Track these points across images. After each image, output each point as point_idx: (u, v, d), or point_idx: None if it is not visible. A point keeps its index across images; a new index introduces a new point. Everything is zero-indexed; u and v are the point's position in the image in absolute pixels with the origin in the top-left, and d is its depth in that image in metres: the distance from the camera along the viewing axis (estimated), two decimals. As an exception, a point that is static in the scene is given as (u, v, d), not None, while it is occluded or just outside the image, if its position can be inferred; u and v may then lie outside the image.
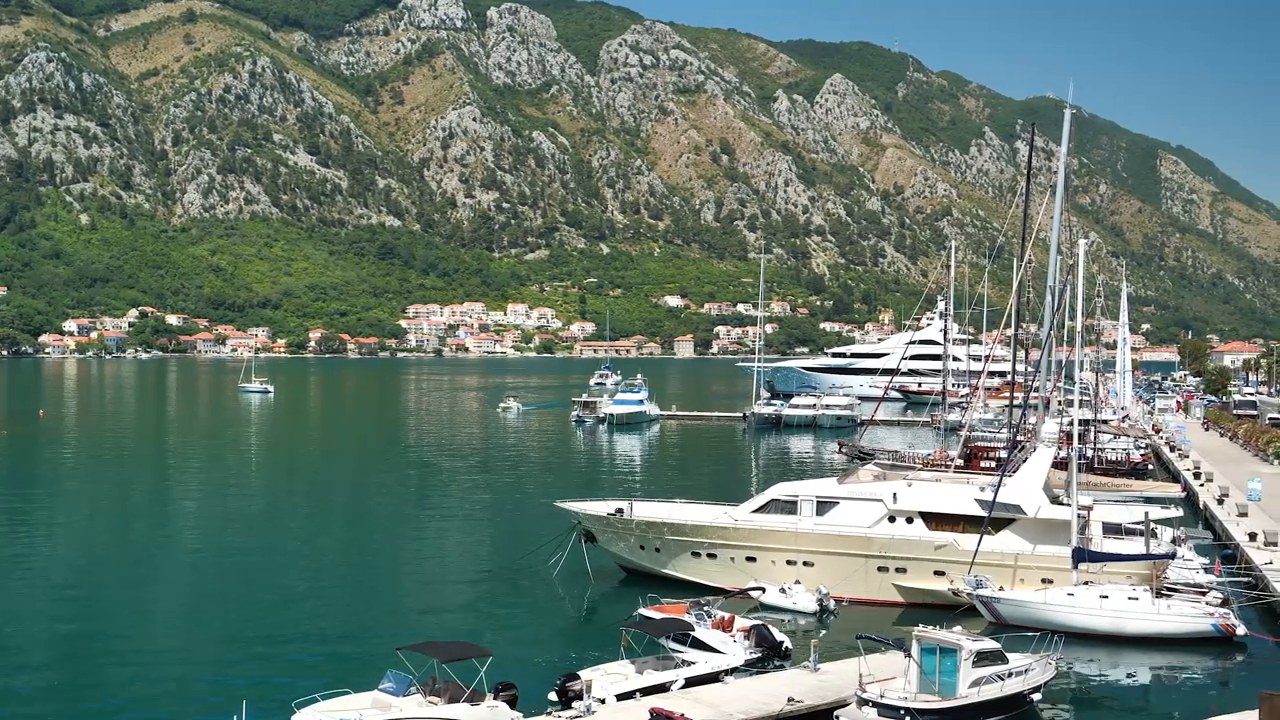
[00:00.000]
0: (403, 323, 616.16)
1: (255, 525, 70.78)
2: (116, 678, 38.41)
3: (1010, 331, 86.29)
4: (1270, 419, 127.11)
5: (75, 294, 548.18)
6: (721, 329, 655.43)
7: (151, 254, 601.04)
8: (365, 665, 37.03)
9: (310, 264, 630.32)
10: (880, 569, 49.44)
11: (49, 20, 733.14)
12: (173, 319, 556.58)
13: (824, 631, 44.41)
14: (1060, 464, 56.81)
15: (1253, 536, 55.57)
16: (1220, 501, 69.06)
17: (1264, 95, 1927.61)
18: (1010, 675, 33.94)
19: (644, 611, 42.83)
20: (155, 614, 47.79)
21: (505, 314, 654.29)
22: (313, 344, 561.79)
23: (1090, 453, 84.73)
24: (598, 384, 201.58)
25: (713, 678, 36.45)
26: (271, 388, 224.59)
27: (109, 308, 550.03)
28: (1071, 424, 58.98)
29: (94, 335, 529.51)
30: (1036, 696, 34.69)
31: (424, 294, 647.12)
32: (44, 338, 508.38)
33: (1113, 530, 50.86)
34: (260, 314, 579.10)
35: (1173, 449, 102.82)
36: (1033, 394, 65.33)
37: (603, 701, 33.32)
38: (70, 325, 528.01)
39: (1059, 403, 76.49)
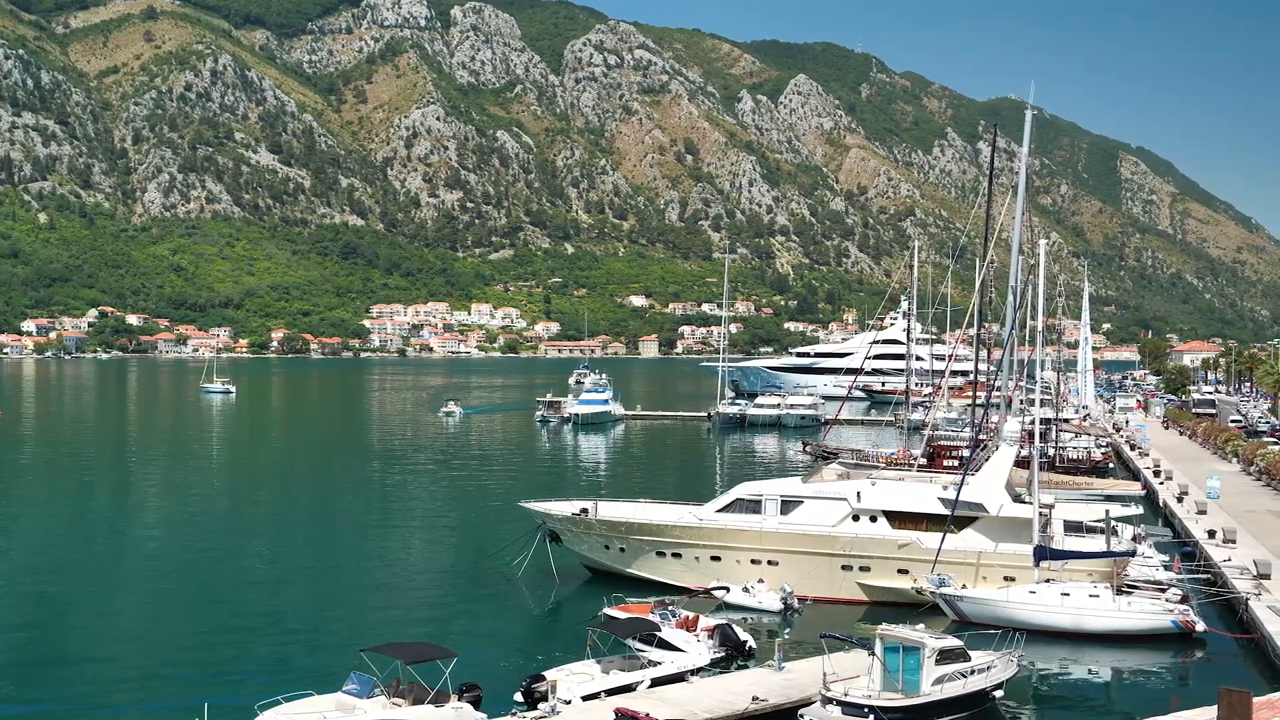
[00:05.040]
0: (366, 323, 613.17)
1: (217, 526, 70.23)
2: (77, 680, 38.01)
3: (973, 331, 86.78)
4: (1232, 420, 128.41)
5: (34, 294, 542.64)
6: (686, 329, 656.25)
7: (111, 253, 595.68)
8: (329, 667, 36.81)
9: (273, 263, 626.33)
10: (844, 568, 49.59)
11: (6, 17, 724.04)
12: (133, 319, 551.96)
13: (788, 630, 44.49)
14: (1022, 463, 57.15)
15: (1211, 534, 56.12)
16: (1180, 499, 69.71)
17: (1223, 97, 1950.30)
18: (973, 672, 34.12)
19: (609, 611, 42.84)
20: (116, 616, 47.33)
21: (469, 314, 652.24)
22: (275, 344, 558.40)
23: (1052, 451, 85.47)
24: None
25: (678, 677, 36.41)
26: (233, 388, 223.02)
27: (68, 308, 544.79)
28: (1033, 423, 59.37)
29: (53, 335, 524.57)
30: (999, 693, 34.88)
31: (387, 294, 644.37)
32: (2, 338, 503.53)
33: (1074, 528, 51.26)
34: (222, 314, 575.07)
35: (1133, 447, 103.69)
36: (995, 393, 65.75)
37: (568, 702, 33.25)
38: (29, 325, 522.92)
39: (1021, 402, 76.99)
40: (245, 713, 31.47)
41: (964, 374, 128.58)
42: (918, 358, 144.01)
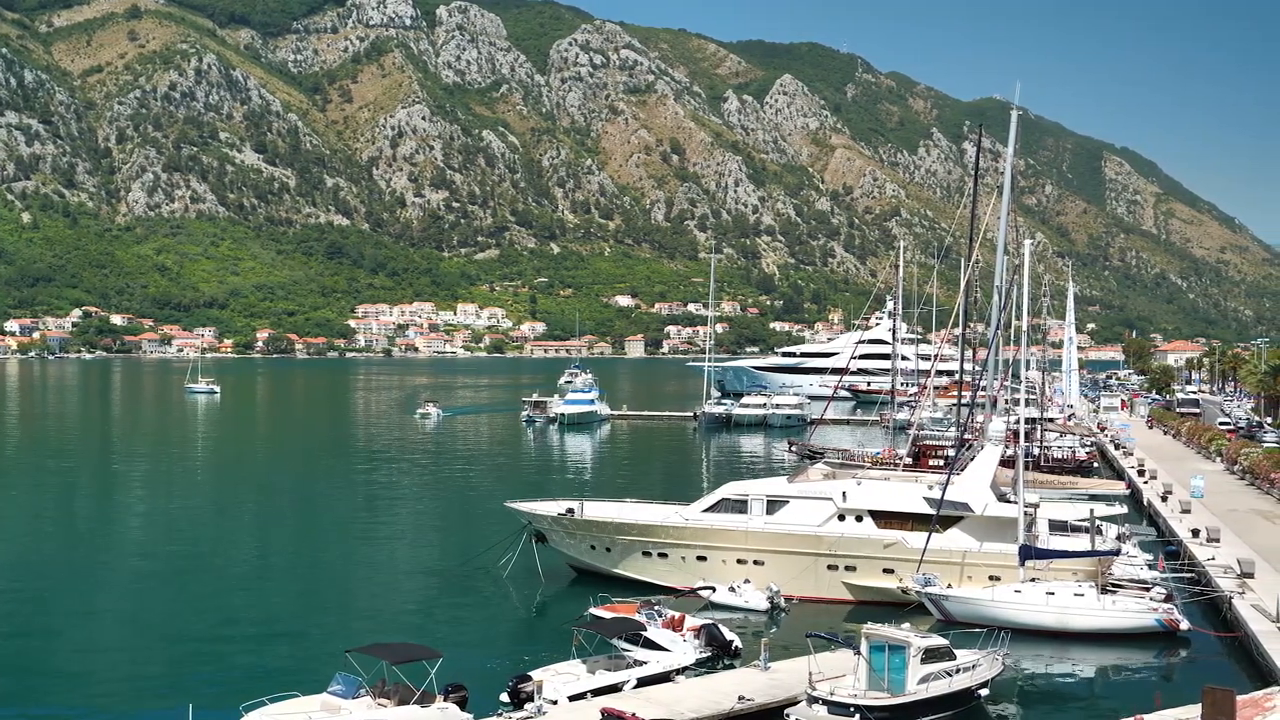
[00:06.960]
0: (351, 323, 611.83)
1: (201, 526, 70.02)
2: (61, 681, 37.87)
3: (958, 331, 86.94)
4: (1221, 421, 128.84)
5: (17, 294, 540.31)
6: (672, 329, 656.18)
7: (95, 253, 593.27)
8: (314, 667, 36.71)
9: (257, 263, 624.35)
10: (830, 567, 49.64)
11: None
12: (117, 319, 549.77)
13: (774, 630, 44.52)
14: (1007, 462, 57.27)
15: (1195, 533, 56.34)
16: (1164, 498, 69.96)
17: (1207, 97, 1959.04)
18: (958, 671, 34.19)
19: (595, 611, 42.80)
20: (100, 617, 47.11)
21: (455, 314, 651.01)
22: (260, 344, 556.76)
23: (1037, 451, 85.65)
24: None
25: (664, 677, 36.40)
26: (218, 388, 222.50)
27: (52, 307, 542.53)
28: (1018, 422, 59.55)
29: (36, 336, 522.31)
30: (984, 692, 34.95)
31: (373, 294, 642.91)
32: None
33: (1059, 527, 51.37)
34: (207, 314, 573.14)
35: (1117, 447, 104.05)
36: (980, 393, 65.90)
37: (554, 702, 33.23)
38: (12, 325, 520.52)
39: (1006, 401, 77.19)
40: (230, 714, 31.35)
41: (949, 374, 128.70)
42: (903, 357, 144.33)
